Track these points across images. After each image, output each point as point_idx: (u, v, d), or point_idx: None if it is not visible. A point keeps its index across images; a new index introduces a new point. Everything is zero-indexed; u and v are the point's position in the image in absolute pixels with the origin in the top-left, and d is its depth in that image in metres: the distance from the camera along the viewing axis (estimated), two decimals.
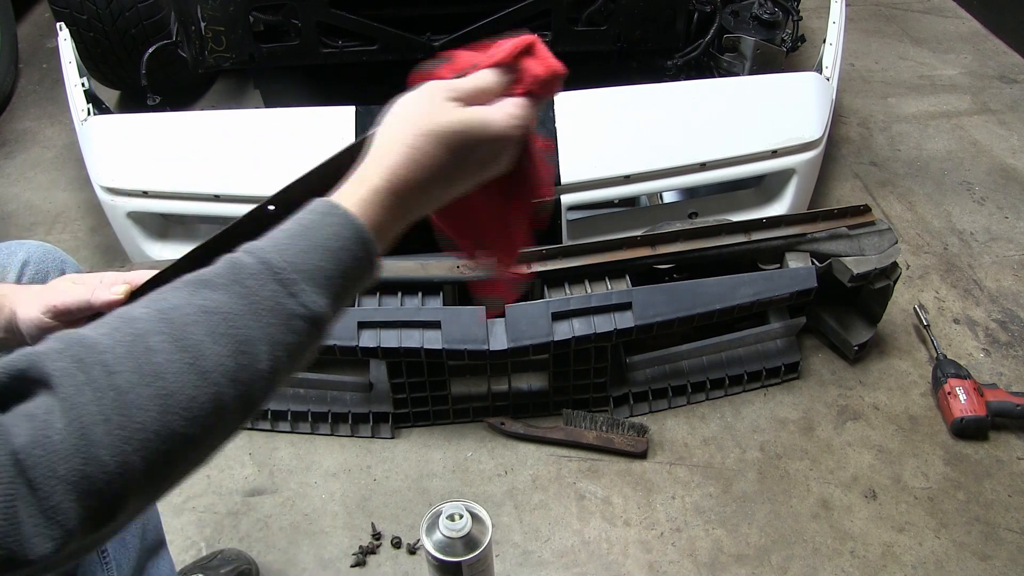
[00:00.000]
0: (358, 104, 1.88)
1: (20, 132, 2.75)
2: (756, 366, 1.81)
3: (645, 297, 1.63)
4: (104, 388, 0.53)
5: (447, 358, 1.62)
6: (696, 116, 1.92)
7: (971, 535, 1.55)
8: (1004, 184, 2.41)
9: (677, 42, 2.20)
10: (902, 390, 1.82)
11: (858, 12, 3.25)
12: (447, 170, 0.68)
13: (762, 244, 1.73)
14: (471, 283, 0.75)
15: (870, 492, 1.63)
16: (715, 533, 1.56)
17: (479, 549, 1.30)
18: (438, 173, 0.68)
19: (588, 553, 1.54)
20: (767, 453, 1.70)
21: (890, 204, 2.35)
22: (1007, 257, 2.17)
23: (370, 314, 1.60)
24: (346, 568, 1.52)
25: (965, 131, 2.63)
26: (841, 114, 2.69)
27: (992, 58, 3.00)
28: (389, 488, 1.65)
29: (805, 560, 1.52)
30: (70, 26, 2.25)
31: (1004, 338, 1.94)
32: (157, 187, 1.84)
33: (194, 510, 1.61)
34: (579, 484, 1.65)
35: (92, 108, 1.98)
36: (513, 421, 1.74)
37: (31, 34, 3.29)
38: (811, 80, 2.00)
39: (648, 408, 1.78)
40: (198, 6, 2.03)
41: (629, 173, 1.83)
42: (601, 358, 1.69)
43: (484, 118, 0.69)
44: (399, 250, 0.74)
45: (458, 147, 0.68)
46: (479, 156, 0.70)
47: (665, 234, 1.70)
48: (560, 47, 2.11)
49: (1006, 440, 1.71)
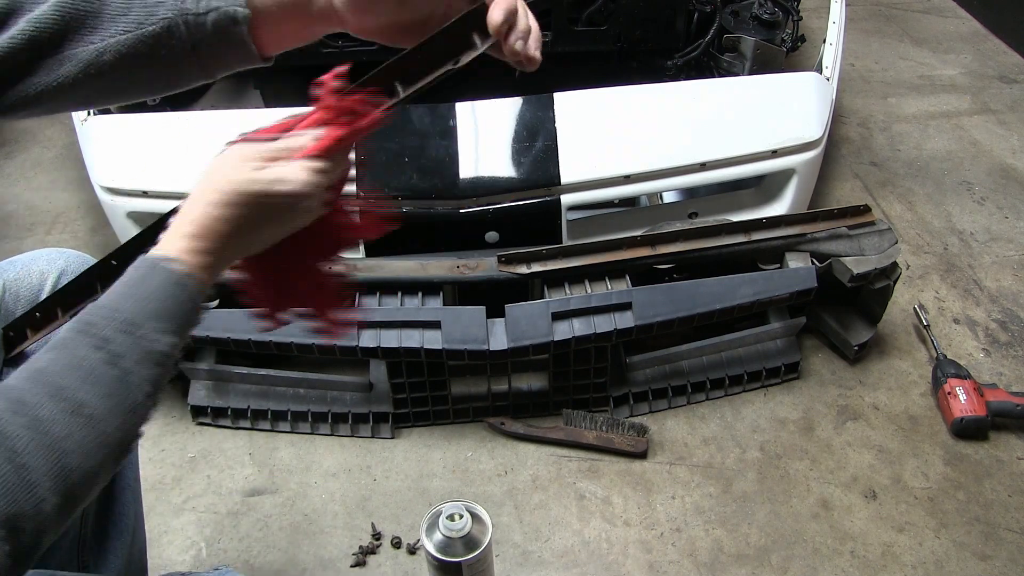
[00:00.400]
0: None
1: (20, 132, 2.75)
2: (756, 366, 1.81)
3: (645, 297, 1.63)
4: (6, 449, 0.61)
5: (447, 358, 1.62)
6: (696, 116, 1.92)
7: (971, 535, 1.55)
8: (1004, 184, 2.41)
9: (677, 42, 2.20)
10: (902, 390, 1.82)
11: (858, 12, 3.25)
12: (245, 226, 0.74)
13: (762, 244, 1.73)
14: (246, 301, 0.85)
15: (870, 492, 1.63)
16: (715, 533, 1.56)
17: (479, 549, 1.30)
18: (236, 229, 0.73)
19: (588, 553, 1.54)
20: (767, 453, 1.70)
21: (890, 204, 2.35)
22: (1007, 257, 2.17)
23: (370, 314, 1.60)
24: (346, 568, 1.52)
25: (965, 131, 2.63)
26: (841, 114, 2.69)
27: (992, 58, 3.00)
28: (389, 488, 1.65)
29: (805, 560, 1.52)
30: None
31: (1004, 338, 1.94)
32: (157, 187, 1.84)
33: (194, 510, 1.61)
34: (579, 484, 1.65)
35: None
36: (513, 421, 1.74)
37: None
38: (811, 80, 2.00)
39: (648, 408, 1.78)
40: None
41: (629, 173, 1.83)
42: (601, 358, 1.69)
43: (276, 178, 0.73)
44: (399, 250, 0.76)
45: (251, 205, 0.73)
46: (275, 213, 0.75)
47: (665, 234, 1.70)
48: (560, 47, 2.12)
49: (1006, 440, 1.71)
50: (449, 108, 1.88)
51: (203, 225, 0.73)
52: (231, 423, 1.76)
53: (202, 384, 1.75)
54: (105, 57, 0.78)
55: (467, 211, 1.79)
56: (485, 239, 1.81)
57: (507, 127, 1.86)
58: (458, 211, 1.79)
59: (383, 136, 1.85)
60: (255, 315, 0.87)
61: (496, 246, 1.80)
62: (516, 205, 1.80)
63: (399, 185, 1.78)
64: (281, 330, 1.59)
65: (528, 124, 1.86)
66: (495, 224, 1.80)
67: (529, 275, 1.66)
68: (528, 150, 1.83)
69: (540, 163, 1.81)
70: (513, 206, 1.80)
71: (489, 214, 1.79)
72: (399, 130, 1.86)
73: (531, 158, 1.83)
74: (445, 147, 1.83)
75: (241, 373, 1.72)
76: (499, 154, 1.84)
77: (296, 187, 0.73)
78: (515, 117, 1.87)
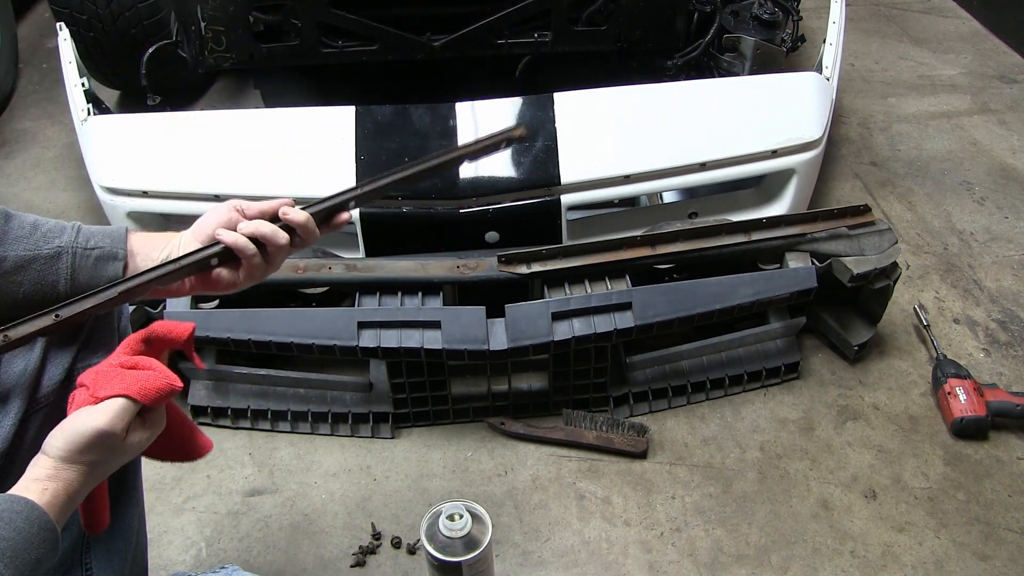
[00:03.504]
0: (358, 104, 1.89)
1: (20, 132, 2.75)
2: (756, 366, 1.81)
3: (645, 297, 1.63)
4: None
5: (447, 358, 1.62)
6: (696, 116, 1.92)
7: (971, 535, 1.55)
8: (1004, 184, 2.41)
9: (677, 42, 2.20)
10: (902, 390, 1.82)
11: (858, 12, 3.25)
12: (82, 464, 0.87)
13: (762, 244, 1.73)
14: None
15: (870, 492, 1.63)
16: (715, 533, 1.56)
17: (479, 549, 1.30)
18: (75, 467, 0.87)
19: (588, 553, 1.54)
20: (767, 453, 1.70)
21: (890, 204, 2.35)
22: (1007, 257, 2.17)
23: (370, 314, 1.60)
24: (346, 568, 1.52)
25: (965, 131, 2.63)
26: (841, 114, 2.69)
27: (992, 58, 3.00)
28: (389, 488, 1.65)
29: (805, 560, 1.52)
30: (70, 26, 2.25)
31: (1004, 338, 1.94)
32: (157, 187, 1.84)
33: (194, 510, 1.61)
34: (579, 484, 1.65)
35: (92, 108, 1.98)
36: (513, 421, 1.74)
37: (31, 34, 3.29)
38: (811, 80, 2.00)
39: (648, 408, 1.78)
40: (198, 6, 2.04)
41: (629, 173, 1.83)
42: (601, 358, 1.69)
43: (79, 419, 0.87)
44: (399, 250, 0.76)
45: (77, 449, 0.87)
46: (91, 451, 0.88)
47: (665, 234, 1.70)
48: (560, 47, 2.12)
49: (1006, 440, 1.71)
50: (449, 108, 1.88)
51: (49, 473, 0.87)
52: (231, 423, 1.75)
53: (202, 384, 1.75)
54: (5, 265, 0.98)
55: (467, 211, 1.79)
56: (485, 239, 1.81)
57: (507, 127, 1.86)
58: (458, 211, 1.79)
59: (383, 136, 1.85)
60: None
61: (496, 246, 1.80)
62: (516, 205, 1.80)
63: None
64: (281, 330, 1.60)
65: (528, 124, 1.86)
66: (495, 224, 1.80)
67: (529, 275, 1.66)
68: (528, 150, 1.83)
69: (540, 163, 1.81)
70: (513, 206, 1.80)
71: (489, 214, 1.79)
72: (399, 130, 1.86)
73: (531, 158, 1.83)
74: (445, 147, 1.83)
75: (241, 373, 1.72)
76: (499, 154, 1.84)
77: (103, 424, 0.86)
78: (515, 117, 1.87)
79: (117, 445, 0.89)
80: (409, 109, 1.89)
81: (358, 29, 2.05)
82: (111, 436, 0.87)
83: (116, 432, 0.87)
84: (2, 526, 0.79)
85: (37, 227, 1.01)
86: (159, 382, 0.92)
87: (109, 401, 0.88)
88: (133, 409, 0.89)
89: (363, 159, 1.81)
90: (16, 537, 0.79)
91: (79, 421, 0.87)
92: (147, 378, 0.91)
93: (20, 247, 0.98)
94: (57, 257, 1.00)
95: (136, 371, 0.92)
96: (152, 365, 0.94)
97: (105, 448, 0.88)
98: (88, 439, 0.86)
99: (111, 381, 0.90)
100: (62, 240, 1.01)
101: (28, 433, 0.98)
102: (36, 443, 1.00)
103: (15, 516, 0.80)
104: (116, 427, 0.87)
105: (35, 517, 0.81)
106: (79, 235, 1.02)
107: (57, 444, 0.86)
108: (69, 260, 1.00)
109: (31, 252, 0.99)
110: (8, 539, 0.78)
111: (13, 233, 0.99)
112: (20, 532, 0.79)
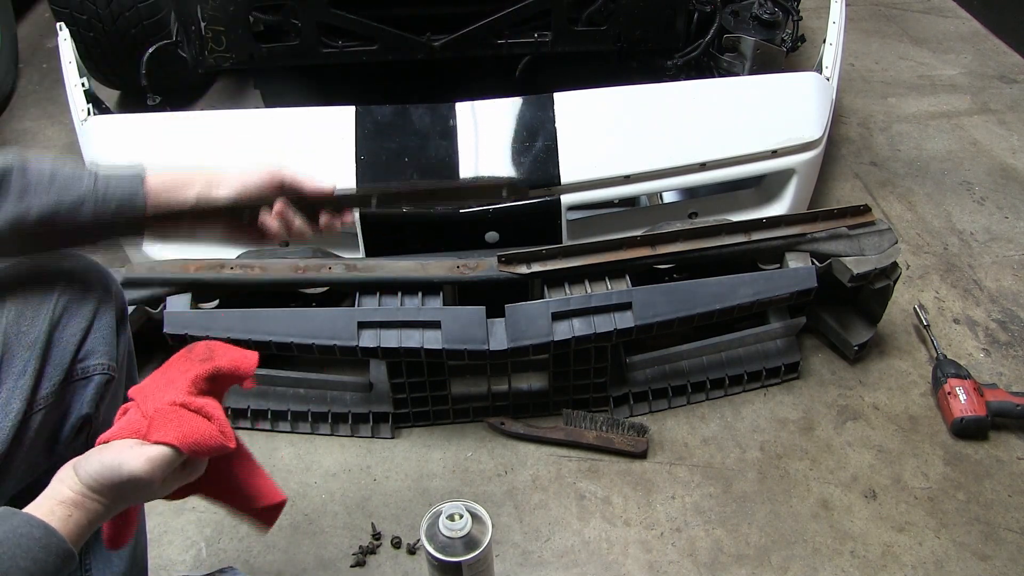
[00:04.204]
0: (358, 104, 1.89)
1: (20, 132, 2.75)
2: (756, 366, 1.81)
3: (645, 297, 1.63)
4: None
5: (447, 358, 1.62)
6: (696, 116, 1.92)
7: (971, 535, 1.55)
8: (1004, 184, 2.41)
9: (677, 42, 2.20)
10: (902, 390, 1.82)
11: (858, 12, 3.25)
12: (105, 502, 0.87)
13: (762, 244, 1.73)
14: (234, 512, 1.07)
15: (870, 492, 1.63)
16: (715, 533, 1.56)
17: (479, 549, 1.30)
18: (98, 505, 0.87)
19: (588, 553, 1.54)
20: (767, 453, 1.70)
21: (890, 204, 2.35)
22: (1007, 257, 2.17)
23: (370, 314, 1.60)
24: (346, 568, 1.52)
25: (965, 131, 2.63)
26: (841, 114, 2.69)
27: (992, 58, 3.00)
28: (389, 488, 1.65)
29: (805, 560, 1.52)
30: (70, 26, 2.25)
31: (1004, 338, 1.94)
32: None
33: (194, 510, 1.61)
34: (579, 484, 1.65)
35: (92, 108, 1.98)
36: (513, 421, 1.74)
37: (31, 34, 3.29)
38: (811, 80, 2.00)
39: (648, 408, 1.78)
40: (198, 6, 2.03)
41: (629, 173, 1.83)
42: (601, 358, 1.69)
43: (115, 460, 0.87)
44: (399, 250, 0.76)
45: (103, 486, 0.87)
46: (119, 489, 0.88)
47: (665, 234, 1.70)
48: (560, 47, 2.12)
49: (1006, 440, 1.71)
50: (449, 108, 1.88)
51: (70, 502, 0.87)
52: (231, 423, 1.75)
53: None
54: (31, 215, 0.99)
55: (467, 211, 1.79)
56: (485, 239, 1.81)
57: (507, 127, 1.87)
58: (458, 211, 1.79)
59: (384, 136, 1.85)
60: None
61: (496, 246, 1.80)
62: (516, 205, 1.80)
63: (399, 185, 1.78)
64: (281, 330, 1.60)
65: (528, 124, 1.86)
66: (495, 224, 1.80)
67: (529, 275, 1.66)
68: (528, 150, 1.83)
69: (540, 163, 1.81)
70: (513, 206, 1.80)
71: (489, 214, 1.79)
72: (399, 130, 1.86)
73: (531, 158, 1.83)
74: (445, 147, 1.83)
75: None
76: (499, 154, 1.84)
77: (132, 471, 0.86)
78: (515, 117, 1.87)
79: (149, 490, 0.89)
80: (409, 109, 1.89)
81: (358, 29, 2.05)
82: (147, 485, 0.87)
83: (154, 481, 0.87)
84: (21, 555, 0.79)
85: (55, 177, 1.02)
86: (213, 440, 0.91)
87: (157, 448, 0.87)
88: (178, 461, 0.89)
89: (363, 159, 1.81)
90: (33, 567, 0.79)
91: (121, 458, 0.86)
92: (203, 433, 0.90)
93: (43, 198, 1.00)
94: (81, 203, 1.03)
95: (194, 419, 0.90)
96: (214, 413, 0.92)
97: (136, 491, 0.88)
98: (124, 481, 0.86)
99: (168, 424, 0.88)
100: (80, 189, 1.03)
101: (28, 433, 0.98)
102: (36, 443, 1.00)
103: (33, 544, 0.80)
104: (155, 478, 0.87)
105: (54, 545, 0.81)
106: (97, 183, 1.04)
107: (91, 471, 0.85)
108: (90, 207, 1.03)
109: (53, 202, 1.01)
110: (26, 570, 0.79)
111: (32, 185, 1.00)
112: (38, 562, 0.79)
